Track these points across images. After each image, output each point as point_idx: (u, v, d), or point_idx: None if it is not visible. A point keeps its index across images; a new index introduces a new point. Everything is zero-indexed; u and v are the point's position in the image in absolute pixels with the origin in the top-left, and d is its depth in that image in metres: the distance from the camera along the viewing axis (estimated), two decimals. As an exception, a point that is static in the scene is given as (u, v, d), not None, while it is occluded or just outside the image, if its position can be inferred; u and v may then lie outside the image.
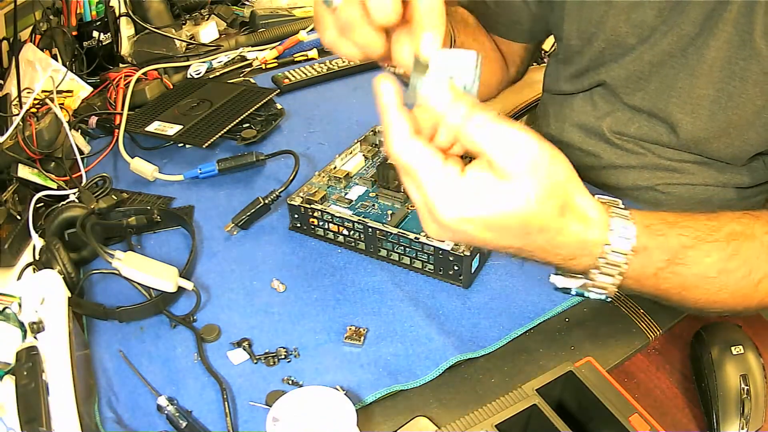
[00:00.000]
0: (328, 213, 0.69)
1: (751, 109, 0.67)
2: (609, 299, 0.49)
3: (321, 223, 0.71)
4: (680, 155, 0.75)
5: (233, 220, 0.74)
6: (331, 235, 0.71)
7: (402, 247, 0.66)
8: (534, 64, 0.98)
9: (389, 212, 0.70)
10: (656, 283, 0.50)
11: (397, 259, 0.68)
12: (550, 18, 0.82)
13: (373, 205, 0.72)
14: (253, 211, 0.74)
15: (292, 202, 0.71)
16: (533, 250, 0.46)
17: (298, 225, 0.73)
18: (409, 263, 0.67)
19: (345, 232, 0.69)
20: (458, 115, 0.42)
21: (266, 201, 0.75)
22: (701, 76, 0.68)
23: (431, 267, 0.66)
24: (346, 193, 0.73)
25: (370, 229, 0.67)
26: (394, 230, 0.66)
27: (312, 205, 0.70)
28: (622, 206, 0.48)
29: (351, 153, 0.79)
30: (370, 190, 0.74)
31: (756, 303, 0.53)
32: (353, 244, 0.70)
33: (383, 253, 0.68)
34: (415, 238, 0.64)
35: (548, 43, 1.00)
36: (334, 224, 0.69)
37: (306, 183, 0.74)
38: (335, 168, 0.76)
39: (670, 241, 0.49)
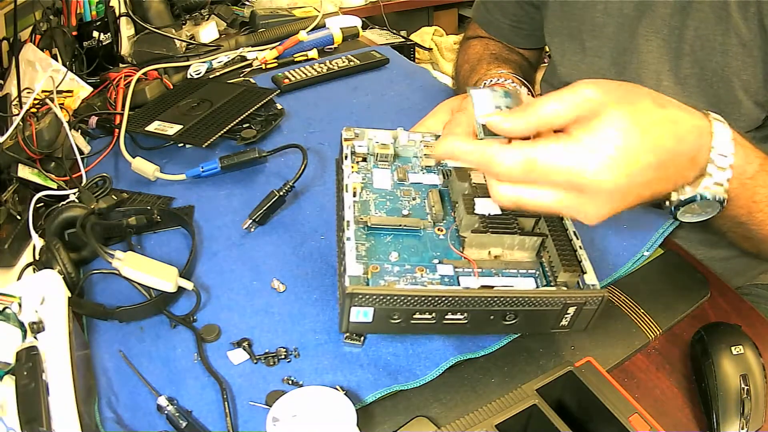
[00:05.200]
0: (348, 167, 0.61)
1: (738, 84, 0.68)
2: (721, 204, 0.51)
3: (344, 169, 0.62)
4: None
5: (250, 215, 0.74)
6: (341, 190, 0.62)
7: (341, 240, 0.57)
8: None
9: (406, 214, 0.59)
10: (754, 188, 0.51)
11: (338, 250, 0.60)
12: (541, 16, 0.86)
13: (415, 198, 0.61)
14: (269, 204, 0.74)
15: (345, 133, 0.64)
16: (666, 165, 0.46)
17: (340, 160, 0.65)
18: (338, 262, 0.59)
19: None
20: (525, 118, 0.44)
21: (281, 193, 0.75)
22: (684, 56, 0.70)
23: (339, 284, 0.56)
24: (414, 173, 0.63)
25: (341, 200, 0.59)
26: (349, 214, 0.56)
27: (346, 144, 0.63)
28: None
29: None
30: (433, 186, 0.62)
31: None
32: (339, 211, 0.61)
33: (339, 233, 0.60)
34: (348, 238, 0.54)
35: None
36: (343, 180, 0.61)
37: (390, 131, 0.65)
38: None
39: (757, 150, 0.52)
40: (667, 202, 0.51)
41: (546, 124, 0.44)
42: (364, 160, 0.64)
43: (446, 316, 0.52)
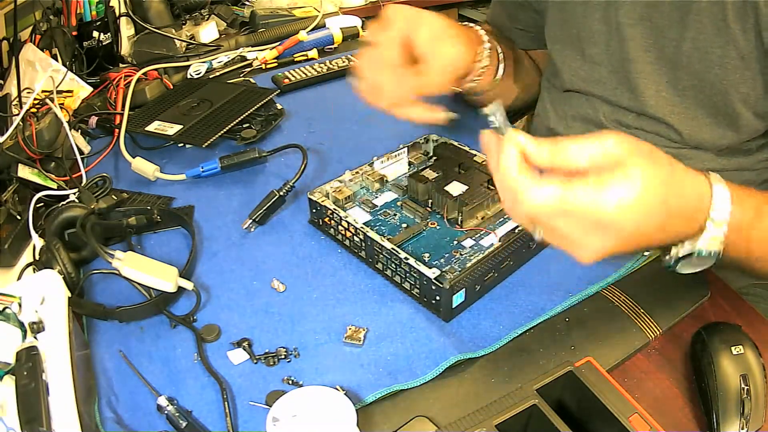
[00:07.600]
0: (339, 215, 0.68)
1: (736, 96, 0.68)
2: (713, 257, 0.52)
3: (334, 224, 0.70)
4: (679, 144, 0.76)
5: (250, 215, 0.74)
6: (340, 237, 0.70)
7: (394, 265, 0.64)
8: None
9: (404, 225, 0.69)
10: (748, 235, 0.53)
11: (390, 275, 0.66)
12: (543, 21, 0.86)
13: (395, 214, 0.71)
14: (269, 204, 0.74)
15: (312, 197, 0.70)
16: (669, 219, 0.48)
17: (316, 220, 0.72)
18: (399, 282, 0.65)
19: (351, 236, 0.68)
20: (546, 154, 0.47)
21: (281, 193, 0.75)
22: (682, 68, 0.70)
23: (417, 292, 0.63)
24: (375, 197, 0.73)
25: (369, 240, 0.65)
26: (389, 245, 0.63)
27: (324, 203, 0.69)
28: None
29: (395, 157, 0.77)
30: (399, 199, 0.73)
31: None
32: (357, 251, 0.69)
33: (379, 266, 0.66)
34: (405, 258, 0.62)
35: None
36: (343, 227, 0.68)
37: (336, 179, 0.73)
38: (372, 170, 0.75)
39: (755, 197, 0.53)
40: (667, 257, 0.54)
41: (566, 165, 0.47)
42: (340, 208, 0.69)
43: (501, 265, 0.64)
